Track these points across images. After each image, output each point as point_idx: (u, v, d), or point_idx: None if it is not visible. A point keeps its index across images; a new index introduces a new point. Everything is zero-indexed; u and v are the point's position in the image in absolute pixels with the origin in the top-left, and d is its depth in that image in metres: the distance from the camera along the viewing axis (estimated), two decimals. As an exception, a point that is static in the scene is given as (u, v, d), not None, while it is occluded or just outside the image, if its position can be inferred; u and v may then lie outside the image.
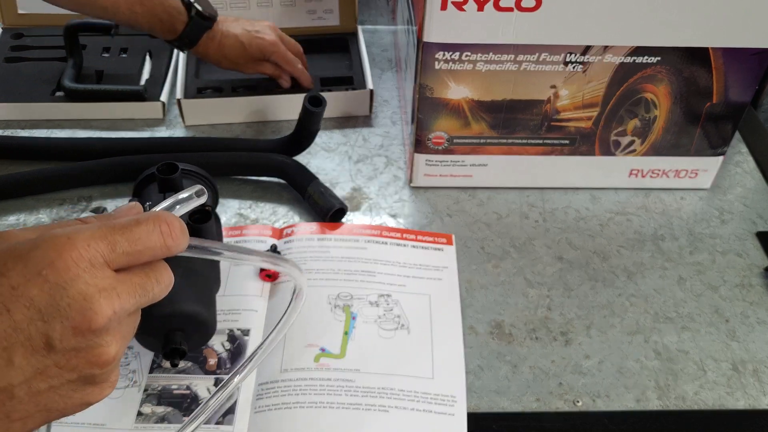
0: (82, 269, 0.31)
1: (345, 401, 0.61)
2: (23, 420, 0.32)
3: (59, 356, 0.31)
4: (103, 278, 0.31)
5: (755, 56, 0.70)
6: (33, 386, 0.31)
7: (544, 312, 0.69)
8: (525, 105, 0.74)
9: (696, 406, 0.62)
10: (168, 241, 0.34)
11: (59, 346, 0.30)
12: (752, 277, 0.73)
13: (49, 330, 0.30)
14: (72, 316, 0.30)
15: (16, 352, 0.30)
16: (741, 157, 0.88)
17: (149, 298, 0.34)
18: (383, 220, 0.78)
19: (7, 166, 0.81)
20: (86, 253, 0.31)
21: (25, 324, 0.30)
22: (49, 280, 0.30)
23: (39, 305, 0.30)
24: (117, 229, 0.32)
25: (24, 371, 0.30)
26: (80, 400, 0.33)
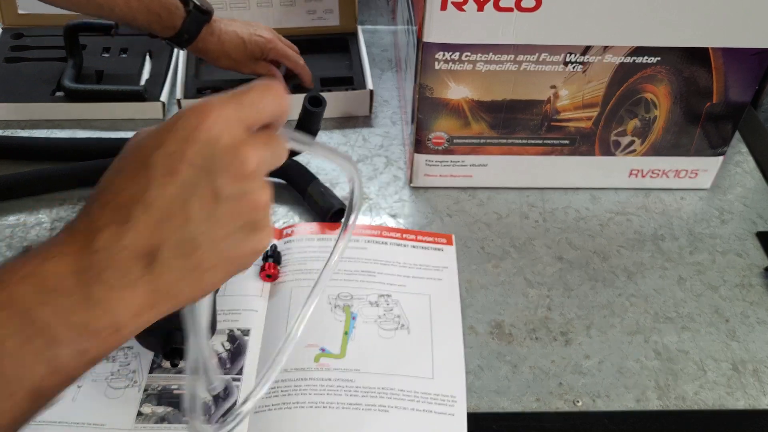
0: (222, 127, 0.34)
1: (345, 401, 0.61)
2: (212, 270, 0.35)
3: (226, 204, 0.34)
4: (241, 133, 0.35)
5: (755, 56, 0.70)
6: (212, 234, 0.34)
7: (544, 312, 0.69)
8: (525, 105, 0.74)
9: (696, 406, 0.62)
10: (281, 99, 0.38)
11: (224, 195, 0.34)
12: (752, 277, 0.73)
13: (213, 182, 0.34)
14: (228, 166, 0.34)
15: (192, 206, 0.33)
16: (741, 157, 0.88)
17: (278, 155, 0.38)
18: (383, 220, 0.78)
19: (7, 166, 0.81)
20: (223, 113, 0.34)
21: (193, 180, 0.34)
22: (199, 140, 0.34)
23: (198, 162, 0.33)
24: (239, 92, 0.36)
25: (202, 222, 0.34)
26: (250, 248, 0.37)
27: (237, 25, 0.85)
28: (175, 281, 0.34)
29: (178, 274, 0.34)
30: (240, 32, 0.84)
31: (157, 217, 0.33)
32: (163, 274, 0.34)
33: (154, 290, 0.34)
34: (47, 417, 0.59)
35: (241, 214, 0.35)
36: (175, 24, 0.79)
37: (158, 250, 0.33)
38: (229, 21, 0.85)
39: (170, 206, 0.33)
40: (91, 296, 0.32)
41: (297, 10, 0.96)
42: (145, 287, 0.33)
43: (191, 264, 0.34)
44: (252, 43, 0.84)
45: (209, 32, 0.81)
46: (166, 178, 0.33)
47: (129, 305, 0.33)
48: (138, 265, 0.33)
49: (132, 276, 0.33)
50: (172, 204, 0.33)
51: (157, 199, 0.33)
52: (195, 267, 0.34)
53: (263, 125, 0.38)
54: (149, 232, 0.33)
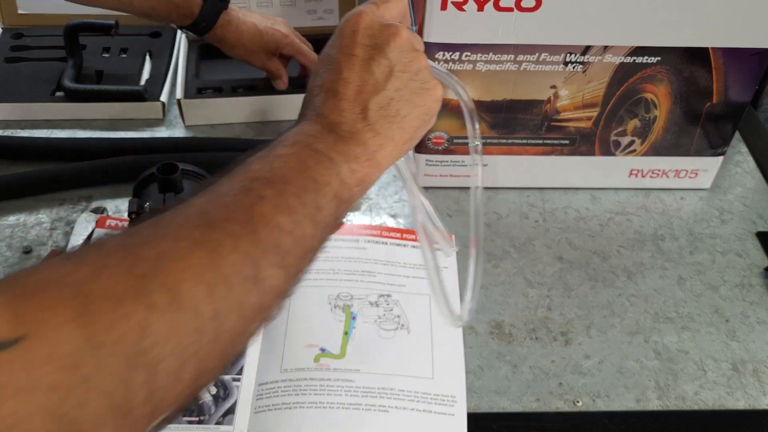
0: (372, 17, 0.46)
1: (345, 401, 0.61)
2: (408, 117, 0.46)
3: (398, 64, 0.45)
4: (386, 19, 0.47)
5: (755, 56, 0.70)
6: (396, 87, 0.45)
7: (544, 312, 0.69)
8: (525, 105, 0.74)
9: (696, 406, 0.62)
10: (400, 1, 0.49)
11: (394, 58, 0.45)
12: (752, 277, 0.73)
13: (382, 50, 0.45)
14: (387, 38, 0.45)
15: (375, 71, 0.45)
16: (741, 157, 0.88)
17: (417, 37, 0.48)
18: (383, 220, 0.78)
19: (7, 166, 0.81)
20: (369, 10, 0.46)
21: (368, 55, 0.45)
22: (361, 29, 0.45)
23: (366, 43, 0.45)
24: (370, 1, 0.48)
25: (387, 80, 0.45)
26: (430, 95, 0.47)
27: (256, 17, 0.86)
28: (386, 126, 0.45)
29: (386, 121, 0.45)
30: (258, 24, 0.85)
31: (356, 86, 0.45)
32: (377, 122, 0.45)
33: (376, 133, 0.45)
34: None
35: (410, 69, 0.46)
36: (193, 12, 0.80)
37: (366, 106, 0.44)
38: (248, 12, 0.86)
39: (361, 76, 0.45)
40: (341, 137, 0.44)
41: (297, 10, 0.96)
42: (370, 132, 0.44)
43: (392, 111, 0.45)
44: (269, 36, 0.85)
45: (227, 20, 0.83)
46: (350, 60, 0.45)
47: (366, 141, 0.44)
48: (358, 118, 0.44)
49: (358, 125, 0.44)
50: (361, 74, 0.45)
51: (350, 74, 0.45)
52: (395, 114, 0.45)
53: None
54: (354, 96, 0.44)
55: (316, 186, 0.41)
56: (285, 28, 0.87)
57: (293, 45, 0.87)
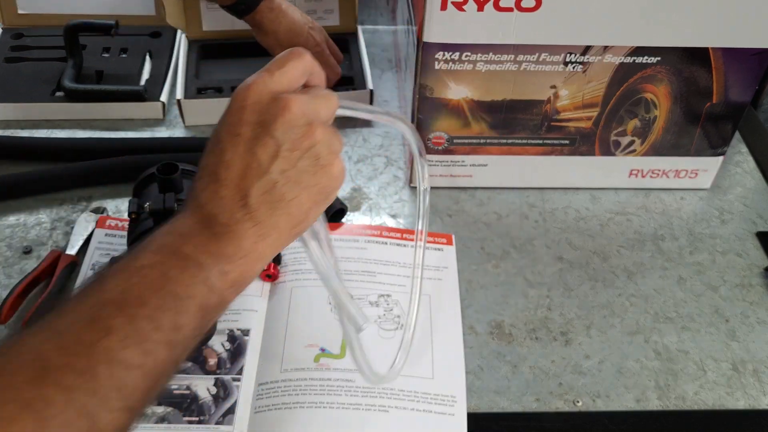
0: (261, 89, 0.43)
1: (345, 401, 0.61)
2: (296, 200, 0.43)
3: (285, 144, 0.42)
4: (279, 90, 0.44)
5: (755, 56, 0.70)
6: (282, 169, 0.42)
7: (544, 312, 0.69)
8: (525, 105, 0.74)
9: (696, 406, 0.62)
10: (303, 56, 0.46)
11: (280, 136, 0.42)
12: (752, 277, 0.73)
13: (268, 129, 0.42)
14: (275, 114, 0.42)
15: (259, 153, 0.42)
16: (741, 157, 0.88)
17: (323, 101, 0.45)
18: (383, 220, 0.78)
19: (7, 166, 0.81)
20: (259, 81, 0.44)
21: (253, 135, 0.42)
22: (248, 105, 0.43)
23: (252, 120, 0.42)
24: (268, 64, 0.45)
25: (271, 162, 0.42)
26: (324, 174, 0.44)
27: (297, 14, 0.86)
28: (269, 214, 0.42)
29: (269, 207, 0.42)
30: (297, 22, 0.86)
31: (238, 170, 0.42)
32: (258, 209, 0.42)
33: (257, 223, 0.42)
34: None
35: (300, 147, 0.43)
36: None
37: (247, 192, 0.42)
38: (291, 6, 0.86)
39: (244, 159, 0.42)
40: (215, 233, 0.41)
41: (297, 10, 0.96)
42: (250, 222, 0.42)
43: (276, 197, 0.42)
44: (302, 38, 0.86)
45: (269, 7, 0.83)
46: (234, 141, 0.43)
47: (244, 236, 0.42)
48: (237, 207, 0.42)
49: (237, 215, 0.42)
50: (244, 157, 0.42)
51: (233, 157, 0.42)
52: (280, 199, 0.43)
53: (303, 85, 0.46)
54: (236, 182, 0.42)
55: (176, 303, 0.39)
56: (319, 35, 0.88)
57: (321, 55, 0.87)
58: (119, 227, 0.74)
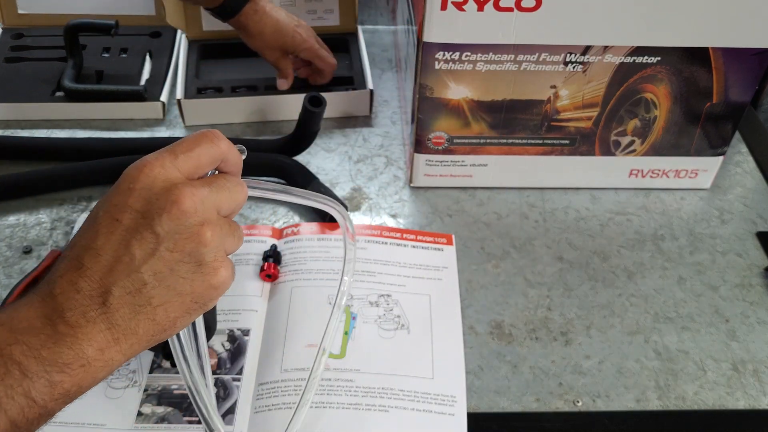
0: (157, 173, 0.39)
1: (345, 401, 0.61)
2: (164, 306, 0.38)
3: (166, 242, 0.38)
4: (177, 177, 0.39)
5: (755, 56, 0.70)
6: (157, 271, 0.38)
7: (544, 312, 0.69)
8: (525, 105, 0.74)
9: (696, 406, 0.62)
10: (216, 141, 0.41)
11: (163, 233, 0.38)
12: (752, 277, 0.73)
13: (151, 222, 0.38)
14: (163, 206, 0.38)
15: (134, 248, 0.37)
16: (741, 157, 0.88)
17: (227, 194, 0.41)
18: (383, 220, 0.78)
19: (7, 166, 0.81)
20: (157, 162, 0.39)
21: (133, 224, 0.38)
22: (137, 188, 0.38)
23: (137, 208, 0.38)
24: (173, 144, 0.41)
25: (145, 260, 0.38)
26: (202, 282, 0.40)
27: (282, 15, 0.86)
28: (129, 317, 0.37)
29: (131, 310, 0.37)
30: (282, 22, 0.85)
31: (106, 261, 0.37)
32: (118, 310, 0.37)
33: (112, 326, 0.37)
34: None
35: (183, 249, 0.38)
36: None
37: (110, 289, 0.37)
38: (275, 7, 0.86)
39: (116, 250, 0.37)
40: (57, 333, 0.36)
41: (297, 10, 0.96)
42: (103, 324, 0.37)
43: (142, 300, 0.38)
44: (289, 37, 0.85)
45: (254, 10, 0.83)
46: (111, 227, 0.38)
47: (92, 340, 0.36)
48: (94, 304, 0.37)
49: (91, 314, 0.36)
50: (117, 248, 0.37)
51: (105, 245, 0.37)
52: (146, 303, 0.38)
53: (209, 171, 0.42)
54: (100, 275, 0.37)
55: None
56: (306, 32, 0.87)
57: (311, 50, 0.87)
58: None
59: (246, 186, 0.44)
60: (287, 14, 0.87)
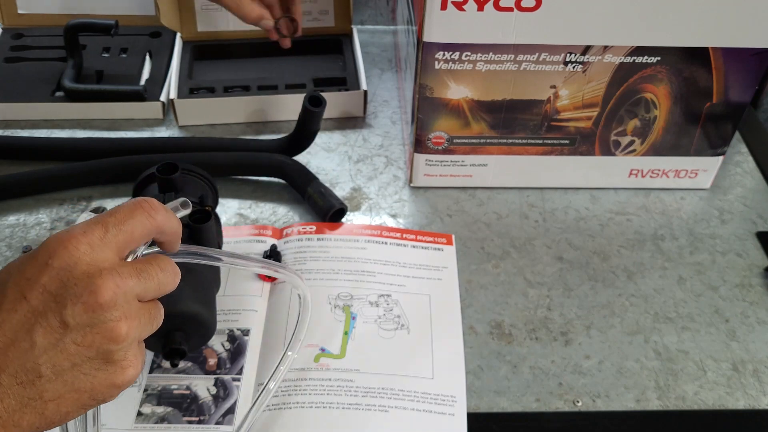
0: (82, 252, 0.34)
1: (345, 401, 0.61)
2: (56, 401, 0.34)
3: (75, 334, 0.34)
4: (104, 260, 0.35)
5: (755, 56, 0.70)
6: (57, 364, 0.34)
7: (544, 312, 0.69)
8: (525, 105, 0.74)
9: (696, 406, 0.62)
10: (152, 213, 0.37)
11: (73, 323, 0.34)
12: (752, 277, 0.73)
13: (62, 309, 0.34)
14: (80, 294, 0.34)
15: (36, 333, 0.33)
16: (741, 157, 0.88)
17: (155, 284, 0.37)
18: (383, 220, 0.78)
19: (7, 166, 0.81)
20: (84, 238, 0.35)
21: (41, 307, 0.34)
22: (55, 266, 0.34)
23: (50, 289, 0.34)
24: (105, 214, 0.37)
25: (46, 350, 0.33)
26: (105, 380, 0.36)
27: None
28: (14, 409, 0.33)
29: (18, 402, 0.33)
30: None
31: (1, 342, 0.33)
32: (2, 400, 0.33)
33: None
34: None
35: (92, 345, 0.34)
36: None
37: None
38: None
39: (16, 332, 0.33)
40: None
41: (293, 10, 0.96)
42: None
43: (33, 393, 0.34)
44: None
45: None
46: (16, 304, 0.34)
47: None
48: None
49: None
50: (18, 329, 0.33)
51: (3, 323, 0.33)
52: (37, 396, 0.34)
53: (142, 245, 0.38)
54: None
55: None
56: None
57: None
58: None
59: (178, 274, 0.39)
60: None
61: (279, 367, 0.59)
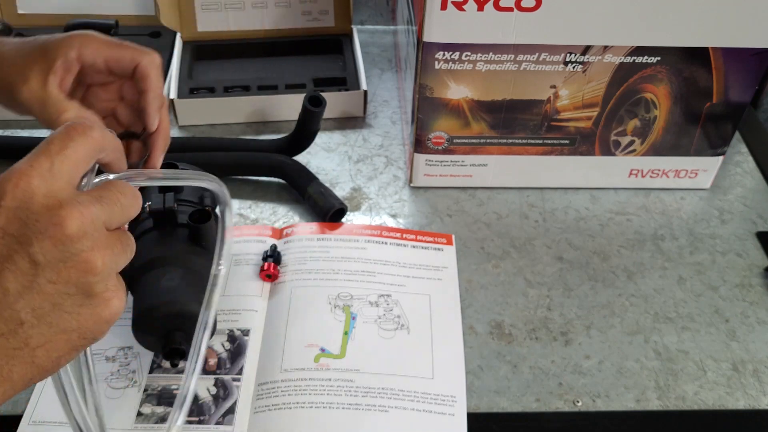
0: (35, 186, 0.32)
1: (345, 401, 0.61)
2: (44, 347, 0.33)
3: (48, 271, 0.32)
4: (59, 189, 0.33)
5: (755, 56, 0.70)
6: (36, 307, 0.32)
7: (544, 312, 0.69)
8: (525, 105, 0.74)
9: (696, 406, 0.62)
10: (88, 132, 0.35)
11: (44, 261, 0.32)
12: (752, 277, 0.73)
13: (29, 248, 0.32)
14: (44, 229, 0.32)
15: (6, 280, 0.31)
16: (741, 157, 0.88)
17: (119, 208, 0.35)
18: (383, 220, 0.78)
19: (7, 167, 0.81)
20: (33, 171, 0.33)
21: (5, 251, 0.32)
22: (10, 207, 0.32)
23: (11, 231, 0.32)
24: (44, 144, 0.34)
25: (22, 295, 0.32)
26: (91, 315, 0.34)
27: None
28: (2, 363, 0.32)
29: (4, 354, 0.32)
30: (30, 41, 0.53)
31: None
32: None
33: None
34: (47, 417, 0.59)
35: (69, 280, 0.33)
36: None
37: None
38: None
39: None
40: None
41: (292, 11, 0.96)
42: None
43: (17, 342, 0.32)
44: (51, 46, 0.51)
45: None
46: None
47: None
48: None
49: None
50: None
51: None
52: (23, 344, 0.32)
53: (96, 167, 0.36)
54: None
55: None
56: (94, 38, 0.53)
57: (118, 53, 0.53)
58: (119, 227, 0.74)
59: (139, 195, 0.37)
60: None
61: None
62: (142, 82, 0.52)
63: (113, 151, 0.38)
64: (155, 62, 0.53)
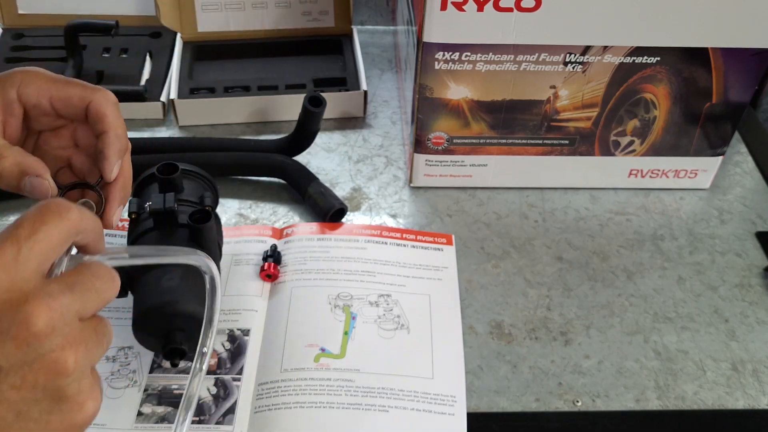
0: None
1: (345, 401, 0.61)
2: None
3: (11, 376, 0.28)
4: (24, 281, 0.29)
5: (755, 56, 0.70)
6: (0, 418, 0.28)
7: (544, 312, 0.69)
8: (525, 105, 0.74)
9: (695, 406, 0.62)
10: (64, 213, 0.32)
11: (6, 365, 0.28)
12: (752, 277, 0.73)
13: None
14: (6, 329, 0.28)
15: None
16: (740, 157, 0.88)
17: (94, 295, 0.32)
18: (383, 220, 0.78)
19: None
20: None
21: None
22: None
23: None
24: (12, 227, 0.31)
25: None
26: (62, 422, 0.30)
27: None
28: None
29: None
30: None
31: None
32: None
33: None
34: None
35: (35, 384, 0.29)
36: None
37: None
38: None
39: None
40: None
41: (292, 11, 0.96)
42: None
43: None
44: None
45: None
46: None
47: None
48: None
49: None
50: None
51: None
52: None
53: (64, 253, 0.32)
54: None
55: None
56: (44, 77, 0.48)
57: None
58: (119, 227, 0.74)
59: (116, 275, 0.33)
60: None
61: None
62: (98, 122, 0.46)
63: (91, 232, 0.34)
64: (110, 99, 0.47)
